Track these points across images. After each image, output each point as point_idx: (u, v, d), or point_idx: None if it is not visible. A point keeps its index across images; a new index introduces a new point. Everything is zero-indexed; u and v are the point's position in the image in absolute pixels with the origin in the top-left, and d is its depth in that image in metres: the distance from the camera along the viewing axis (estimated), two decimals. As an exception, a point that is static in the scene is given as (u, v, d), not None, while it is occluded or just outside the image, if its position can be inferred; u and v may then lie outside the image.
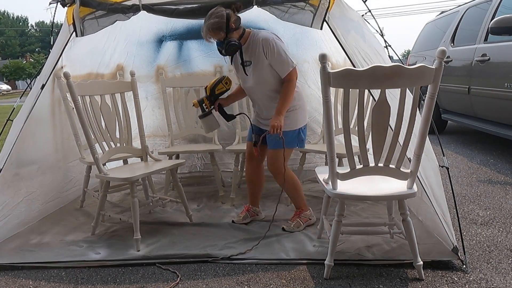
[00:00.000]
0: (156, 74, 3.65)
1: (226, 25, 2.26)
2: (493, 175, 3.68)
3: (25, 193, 2.81)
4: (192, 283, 2.02)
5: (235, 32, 2.33)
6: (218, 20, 2.26)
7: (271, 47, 2.31)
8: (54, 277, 2.14)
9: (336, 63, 3.33)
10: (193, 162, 3.93)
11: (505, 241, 2.32)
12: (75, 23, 2.40)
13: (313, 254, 2.24)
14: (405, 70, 1.71)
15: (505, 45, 3.88)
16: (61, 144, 3.18)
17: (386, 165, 1.92)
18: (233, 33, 2.32)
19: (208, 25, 2.29)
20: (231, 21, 2.27)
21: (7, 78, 38.28)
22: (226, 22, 2.26)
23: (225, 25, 2.26)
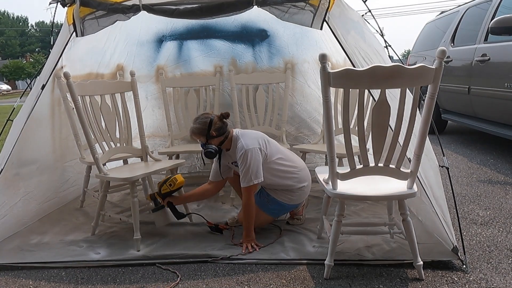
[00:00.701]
0: (156, 74, 3.65)
1: (207, 132, 2.40)
2: (493, 175, 3.67)
3: (23, 193, 2.81)
4: (192, 283, 2.02)
5: (216, 139, 2.43)
6: (199, 127, 2.42)
7: (241, 157, 2.35)
8: (54, 277, 2.14)
9: (336, 63, 3.33)
10: (192, 163, 3.93)
11: (505, 241, 2.32)
12: (75, 23, 2.40)
13: (313, 254, 2.24)
14: (405, 70, 1.71)
15: (505, 45, 3.88)
16: (58, 143, 3.18)
17: (386, 165, 1.92)
18: (213, 139, 2.43)
19: (191, 129, 2.47)
20: (212, 129, 2.40)
21: (7, 78, 38.28)
22: (207, 130, 2.40)
23: (206, 132, 2.40)
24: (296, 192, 2.53)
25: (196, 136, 2.47)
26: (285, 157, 2.52)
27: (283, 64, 3.57)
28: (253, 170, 2.33)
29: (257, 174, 2.34)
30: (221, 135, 2.43)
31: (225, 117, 2.46)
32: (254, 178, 2.34)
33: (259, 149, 2.38)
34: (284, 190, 2.52)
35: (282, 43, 3.51)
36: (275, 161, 2.46)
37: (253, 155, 2.34)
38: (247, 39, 3.54)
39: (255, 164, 2.34)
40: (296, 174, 2.51)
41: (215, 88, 3.58)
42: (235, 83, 3.56)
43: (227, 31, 3.52)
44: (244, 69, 3.63)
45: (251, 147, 2.35)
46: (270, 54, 3.57)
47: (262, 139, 2.46)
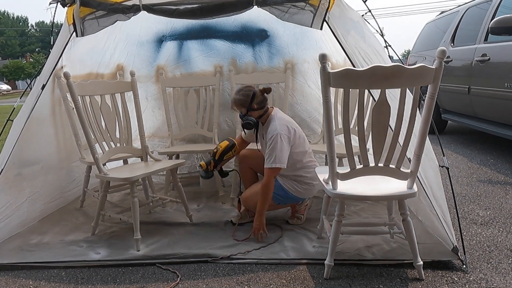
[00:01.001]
0: (156, 74, 3.65)
1: (249, 104, 2.50)
2: (493, 175, 3.68)
3: (29, 193, 2.82)
4: (192, 283, 2.02)
5: (256, 111, 2.54)
6: (243, 98, 2.52)
7: (271, 139, 2.43)
8: (54, 277, 2.15)
9: (336, 63, 3.33)
10: (192, 163, 3.93)
11: (505, 241, 2.32)
12: (75, 23, 2.40)
13: (313, 254, 2.24)
14: (405, 70, 1.71)
15: (505, 45, 3.88)
16: (63, 144, 3.19)
17: (386, 165, 1.92)
18: (254, 112, 2.53)
19: (234, 99, 2.57)
20: (254, 101, 2.51)
21: (7, 78, 38.28)
22: (250, 102, 2.50)
23: (248, 103, 2.51)
24: (304, 186, 2.57)
25: (237, 107, 2.56)
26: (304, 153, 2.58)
27: (283, 64, 3.57)
28: (278, 153, 2.39)
29: (281, 158, 2.40)
30: (261, 108, 2.53)
31: (267, 92, 2.55)
32: (278, 162, 2.39)
33: (288, 137, 2.45)
34: (293, 180, 2.56)
35: (282, 43, 3.51)
36: (298, 153, 2.53)
37: (283, 140, 2.41)
38: (247, 39, 3.54)
39: (282, 149, 2.40)
40: (309, 170, 2.57)
41: (215, 88, 3.58)
42: (235, 83, 3.56)
43: (227, 31, 3.52)
44: (244, 69, 3.63)
45: (283, 133, 2.42)
46: (270, 54, 3.57)
47: (293, 128, 2.52)
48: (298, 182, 2.57)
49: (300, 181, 2.57)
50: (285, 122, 2.50)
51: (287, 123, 2.52)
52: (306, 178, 2.57)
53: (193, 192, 3.46)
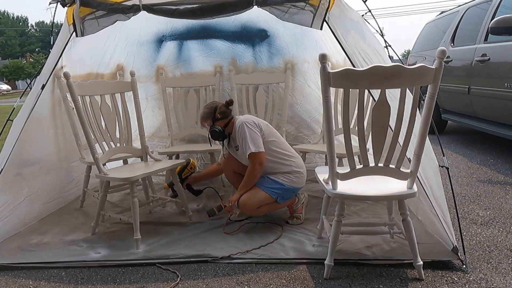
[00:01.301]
0: (156, 74, 3.65)
1: (213, 115, 2.67)
2: (493, 175, 3.67)
3: (27, 193, 2.82)
4: (192, 283, 2.02)
5: (220, 121, 2.69)
6: (207, 111, 2.71)
7: (239, 131, 2.58)
8: (54, 277, 2.14)
9: (336, 63, 3.33)
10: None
11: (505, 241, 2.32)
12: (75, 23, 2.40)
13: (313, 254, 2.24)
14: (405, 70, 1.71)
15: (505, 45, 3.87)
16: (63, 144, 3.19)
17: (386, 165, 1.92)
18: (218, 122, 2.68)
19: (200, 114, 2.78)
20: (217, 112, 2.68)
21: (7, 78, 38.27)
22: (213, 113, 2.67)
23: (212, 115, 2.68)
24: (295, 175, 2.62)
25: (204, 120, 2.73)
26: (280, 142, 2.68)
27: (283, 64, 3.57)
28: (250, 140, 2.51)
29: (255, 143, 2.51)
30: (225, 118, 2.68)
31: (229, 104, 2.73)
32: (254, 147, 2.49)
33: (253, 122, 2.58)
34: (284, 173, 2.62)
35: (282, 43, 3.51)
36: (271, 141, 2.61)
37: (250, 127, 2.54)
38: (247, 39, 3.54)
39: (252, 135, 2.52)
40: (292, 159, 2.65)
41: (215, 88, 3.58)
42: (235, 83, 3.57)
43: (227, 31, 3.52)
44: (244, 69, 3.63)
45: (247, 121, 2.57)
46: (270, 54, 3.58)
47: (259, 120, 2.65)
48: (289, 173, 2.61)
49: (290, 172, 2.61)
50: (246, 117, 2.65)
51: (249, 116, 2.68)
52: (294, 169, 2.62)
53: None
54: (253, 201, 2.54)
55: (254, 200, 2.54)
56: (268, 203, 2.60)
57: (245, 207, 2.56)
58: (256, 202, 2.55)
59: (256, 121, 2.61)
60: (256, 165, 2.52)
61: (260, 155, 2.51)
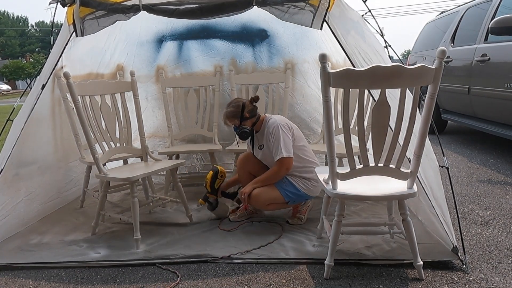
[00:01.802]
0: (156, 74, 3.65)
1: (241, 114, 2.56)
2: (493, 175, 3.67)
3: (25, 193, 2.81)
4: (192, 283, 2.02)
5: (249, 120, 2.60)
6: (234, 110, 2.59)
7: (272, 132, 2.52)
8: (54, 277, 2.14)
9: (336, 63, 3.34)
10: (192, 163, 3.93)
11: (505, 241, 2.32)
12: (75, 23, 2.40)
13: (313, 254, 2.24)
14: (405, 70, 1.71)
15: (505, 45, 3.87)
16: (61, 144, 3.18)
17: (386, 165, 1.92)
18: (247, 121, 2.59)
19: (225, 113, 2.63)
20: (245, 111, 2.57)
21: (7, 78, 38.28)
22: (241, 112, 2.56)
23: (239, 114, 2.57)
24: (313, 183, 2.60)
25: (230, 120, 2.61)
26: (307, 148, 2.64)
27: (283, 64, 3.57)
28: (282, 144, 2.46)
29: (287, 148, 2.46)
30: (253, 116, 2.60)
31: (255, 101, 2.62)
32: (285, 152, 2.44)
33: (288, 126, 2.53)
34: (303, 178, 2.59)
35: (282, 43, 3.51)
36: (300, 147, 2.58)
37: (283, 130, 2.49)
38: (247, 39, 3.54)
39: (285, 139, 2.48)
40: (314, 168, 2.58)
41: (215, 88, 3.58)
42: (235, 83, 3.57)
43: (227, 31, 3.52)
44: (244, 69, 3.63)
45: (282, 123, 2.51)
46: (270, 54, 3.58)
47: (291, 123, 2.62)
48: (308, 180, 2.59)
49: (310, 178, 2.59)
50: (281, 118, 2.60)
51: (283, 118, 2.61)
52: (313, 178, 2.58)
53: (193, 192, 3.45)
54: (266, 197, 2.54)
55: (267, 196, 2.54)
56: (278, 202, 2.59)
57: (257, 200, 2.57)
58: (268, 199, 2.55)
59: (290, 125, 2.57)
60: (283, 169, 2.49)
61: (289, 160, 2.48)
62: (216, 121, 3.63)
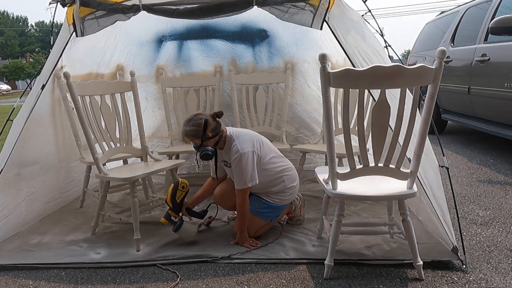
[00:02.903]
0: (156, 74, 3.65)
1: (203, 134, 2.32)
2: (493, 175, 3.67)
3: (27, 193, 2.82)
4: (192, 283, 2.02)
5: (212, 140, 2.36)
6: (194, 129, 2.32)
7: (235, 161, 2.32)
8: (54, 277, 2.14)
9: (336, 63, 3.33)
10: (191, 163, 3.92)
11: (505, 241, 2.32)
12: (75, 23, 2.40)
13: (313, 253, 2.24)
14: (405, 70, 1.71)
15: (505, 45, 3.87)
16: (62, 144, 3.19)
17: (386, 165, 1.92)
18: (209, 141, 2.35)
19: (184, 131, 2.36)
20: (208, 130, 2.32)
21: (7, 78, 38.28)
22: (203, 131, 2.32)
23: (201, 134, 2.32)
24: (287, 192, 2.50)
25: (190, 139, 2.38)
26: (277, 156, 2.50)
27: (283, 64, 3.57)
28: (247, 173, 2.30)
29: (251, 177, 2.32)
30: (216, 135, 2.37)
31: (218, 116, 2.39)
32: (249, 181, 2.32)
33: (253, 152, 2.33)
34: (276, 193, 2.48)
35: (282, 43, 3.51)
36: (268, 161, 2.42)
37: (248, 158, 2.30)
38: (247, 39, 3.54)
39: (249, 167, 2.30)
40: (288, 173, 2.49)
41: (215, 88, 3.58)
42: (235, 83, 3.57)
43: (227, 31, 3.52)
44: (244, 69, 3.63)
45: (246, 151, 2.31)
46: (270, 54, 3.58)
47: (257, 141, 2.41)
48: (282, 192, 2.48)
49: (283, 191, 2.48)
50: (247, 138, 2.38)
51: (250, 136, 2.40)
52: (287, 185, 2.48)
53: (193, 192, 3.45)
54: (250, 229, 2.43)
55: (250, 228, 2.43)
56: (264, 226, 2.50)
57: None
58: (252, 229, 2.44)
59: (255, 148, 2.36)
60: (245, 198, 2.35)
61: (250, 188, 2.35)
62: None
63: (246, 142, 2.35)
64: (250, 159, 2.31)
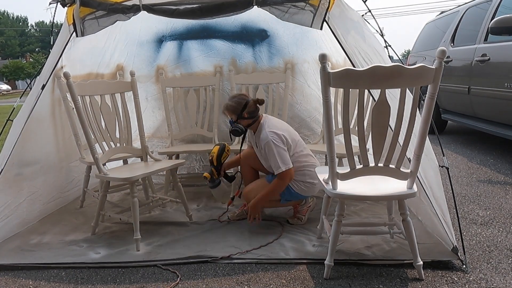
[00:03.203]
0: (156, 74, 3.65)
1: (240, 112, 2.53)
2: (493, 175, 3.67)
3: (28, 193, 2.82)
4: (192, 283, 2.02)
5: (245, 120, 2.57)
6: (235, 106, 2.55)
7: (265, 147, 2.48)
8: (54, 277, 2.14)
9: (336, 63, 3.33)
10: (191, 164, 3.92)
11: (505, 241, 2.32)
12: (75, 23, 2.40)
13: (313, 254, 2.24)
14: (405, 70, 1.71)
15: (505, 45, 3.88)
16: (63, 144, 3.19)
17: (386, 165, 1.92)
18: (243, 120, 2.57)
19: (226, 105, 2.60)
20: (245, 110, 2.53)
21: (7, 78, 38.29)
22: (241, 110, 2.53)
23: (239, 111, 2.54)
24: (306, 185, 2.60)
25: (228, 113, 2.59)
26: (304, 150, 2.63)
27: (283, 64, 3.57)
28: (279, 158, 2.42)
29: (284, 161, 2.44)
30: (251, 118, 2.56)
31: (260, 103, 2.59)
32: (283, 165, 2.42)
33: (281, 139, 2.46)
34: (296, 180, 2.57)
35: (282, 43, 3.51)
36: (298, 155, 2.56)
37: (277, 144, 2.44)
38: (247, 39, 3.54)
39: (279, 152, 2.43)
40: (311, 169, 2.59)
41: (215, 88, 3.58)
42: (235, 83, 3.57)
43: (227, 31, 3.52)
44: (244, 69, 3.63)
45: (273, 138, 2.44)
46: (270, 54, 3.58)
47: (287, 130, 2.56)
48: (301, 181, 2.59)
49: (303, 180, 2.59)
50: (274, 129, 2.50)
51: (276, 129, 2.51)
52: (308, 177, 2.58)
53: (193, 192, 3.46)
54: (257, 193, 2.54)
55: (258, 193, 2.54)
56: (271, 199, 2.59)
57: (249, 195, 2.61)
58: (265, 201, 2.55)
59: (283, 136, 2.49)
60: (286, 181, 2.48)
61: (289, 172, 2.45)
62: (216, 121, 3.63)
63: (272, 133, 2.48)
64: (278, 143, 2.44)
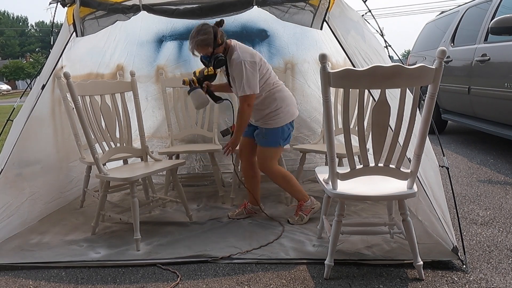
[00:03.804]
0: (156, 74, 3.65)
1: (214, 41, 2.42)
2: (493, 175, 3.68)
3: (29, 193, 2.82)
4: (192, 283, 2.02)
5: (221, 47, 2.48)
6: (206, 37, 2.42)
7: (236, 68, 2.44)
8: (54, 277, 2.15)
9: (336, 63, 3.33)
10: (191, 164, 3.92)
11: (505, 241, 2.32)
12: (75, 23, 2.40)
13: (313, 253, 2.24)
14: (405, 70, 1.71)
15: (505, 45, 3.88)
16: (62, 144, 3.19)
17: (386, 165, 1.92)
18: (219, 48, 2.47)
19: (197, 41, 2.44)
20: (218, 37, 2.43)
21: (7, 78, 38.30)
22: (214, 38, 2.42)
23: (212, 41, 2.42)
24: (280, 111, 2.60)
25: (202, 49, 2.45)
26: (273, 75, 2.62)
27: (283, 64, 3.57)
28: (245, 81, 2.40)
29: (250, 85, 2.42)
30: (223, 43, 2.48)
31: (221, 25, 2.49)
32: (248, 89, 2.41)
33: (253, 62, 2.43)
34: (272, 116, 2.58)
35: (282, 43, 3.51)
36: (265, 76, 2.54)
37: (248, 67, 2.40)
38: (247, 39, 3.53)
39: (248, 76, 2.40)
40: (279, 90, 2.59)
41: (215, 88, 3.57)
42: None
43: (227, 31, 3.47)
44: (244, 69, 3.62)
45: (246, 59, 2.41)
46: (270, 54, 3.57)
47: (258, 56, 2.52)
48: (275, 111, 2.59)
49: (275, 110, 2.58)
50: (249, 50, 2.50)
51: (251, 50, 2.51)
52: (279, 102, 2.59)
53: (193, 192, 3.46)
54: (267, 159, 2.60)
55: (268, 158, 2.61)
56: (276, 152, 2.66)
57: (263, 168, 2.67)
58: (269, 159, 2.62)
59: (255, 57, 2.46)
60: (245, 106, 2.47)
61: (251, 97, 2.45)
62: (216, 121, 3.62)
63: (247, 53, 2.45)
64: (250, 67, 2.41)
